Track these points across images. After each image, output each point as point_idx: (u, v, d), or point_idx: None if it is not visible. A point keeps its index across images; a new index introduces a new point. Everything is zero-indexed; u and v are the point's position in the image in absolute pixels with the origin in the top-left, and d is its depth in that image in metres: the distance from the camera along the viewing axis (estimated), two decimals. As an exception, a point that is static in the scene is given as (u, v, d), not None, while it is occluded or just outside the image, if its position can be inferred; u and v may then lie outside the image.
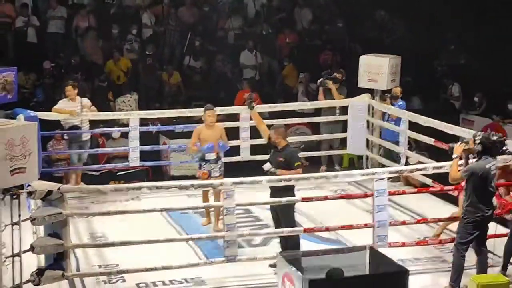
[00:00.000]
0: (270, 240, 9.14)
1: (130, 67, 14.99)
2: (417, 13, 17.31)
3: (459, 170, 7.60)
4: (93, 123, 12.17)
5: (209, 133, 9.66)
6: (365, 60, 12.26)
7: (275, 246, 8.87)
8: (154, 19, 15.99)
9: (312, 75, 14.70)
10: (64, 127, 11.39)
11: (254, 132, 11.58)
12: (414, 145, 12.32)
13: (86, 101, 11.49)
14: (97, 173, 12.12)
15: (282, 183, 8.06)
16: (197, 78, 15.61)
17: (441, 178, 9.35)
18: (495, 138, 7.52)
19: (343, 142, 12.59)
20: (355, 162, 13.21)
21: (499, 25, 16.85)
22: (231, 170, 11.00)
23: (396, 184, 11.39)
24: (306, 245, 8.89)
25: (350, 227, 8.56)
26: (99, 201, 10.60)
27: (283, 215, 8.38)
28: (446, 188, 8.92)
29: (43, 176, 9.91)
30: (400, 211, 10.14)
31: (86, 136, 11.53)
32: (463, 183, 7.76)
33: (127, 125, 11.62)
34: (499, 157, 7.65)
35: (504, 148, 7.55)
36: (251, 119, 11.90)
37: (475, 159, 7.60)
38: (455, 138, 10.64)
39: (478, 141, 7.51)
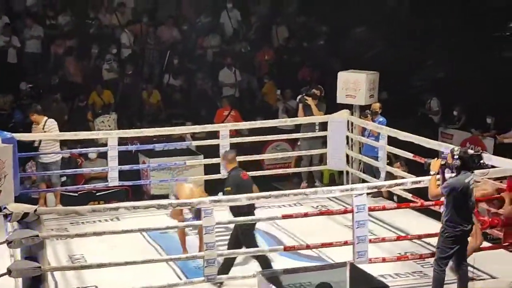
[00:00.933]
0: (250, 259, 9.07)
1: (112, 101, 14.90)
2: (395, 29, 17.44)
3: (438, 186, 7.60)
4: (72, 143, 12.11)
5: None
6: (343, 76, 12.29)
7: (255, 265, 8.81)
8: (133, 38, 15.97)
9: (292, 92, 14.73)
10: None
11: (238, 149, 11.54)
12: (394, 159, 12.34)
13: (49, 122, 11.35)
14: (76, 194, 12.02)
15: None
16: (177, 96, 15.60)
17: (422, 192, 9.40)
18: (472, 152, 7.54)
19: (323, 158, 12.59)
20: (336, 178, 13.22)
21: (477, 39, 17.01)
22: (212, 187, 10.97)
23: (377, 199, 11.38)
24: (287, 262, 8.86)
25: (330, 244, 8.52)
26: (78, 222, 10.50)
27: (244, 240, 8.41)
28: (426, 203, 8.91)
29: (22, 198, 9.91)
30: (381, 226, 10.12)
31: (51, 158, 11.31)
32: (442, 198, 7.76)
33: (106, 145, 11.54)
34: (476, 171, 7.65)
35: (481, 161, 7.55)
36: (231, 136, 11.92)
37: (452, 174, 7.60)
38: (434, 152, 10.72)
39: (456, 156, 7.52)
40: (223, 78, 15.77)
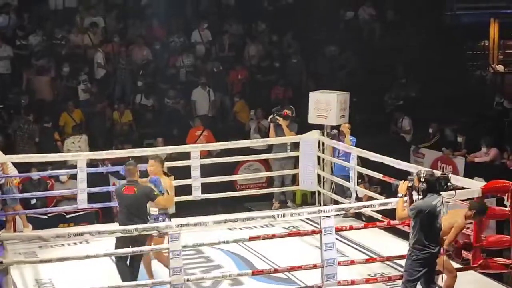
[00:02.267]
0: (220, 282, 9.00)
1: (83, 119, 14.81)
2: (367, 48, 17.55)
3: (405, 208, 7.60)
4: (42, 165, 11.99)
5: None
6: (314, 97, 12.30)
7: (225, 288, 8.79)
8: (104, 58, 15.91)
9: (264, 111, 14.73)
10: None
11: (205, 170, 11.53)
12: (366, 179, 12.36)
13: None
14: (46, 217, 11.88)
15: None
16: (149, 116, 15.53)
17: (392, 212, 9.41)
18: (439, 175, 7.55)
19: (295, 179, 12.56)
20: (308, 198, 13.19)
21: (449, 58, 17.17)
22: (183, 209, 10.90)
23: (348, 219, 11.36)
24: (256, 285, 8.81)
25: (299, 268, 8.48)
26: (47, 245, 10.36)
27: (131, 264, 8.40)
28: (393, 222, 8.90)
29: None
30: (350, 247, 10.10)
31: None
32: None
33: (74, 166, 11.42)
34: (444, 194, 7.65)
35: (448, 184, 7.56)
36: (203, 156, 11.86)
37: (420, 196, 7.60)
38: (404, 173, 10.73)
39: (423, 179, 7.52)
40: (196, 97, 15.74)
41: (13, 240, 8.45)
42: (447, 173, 7.70)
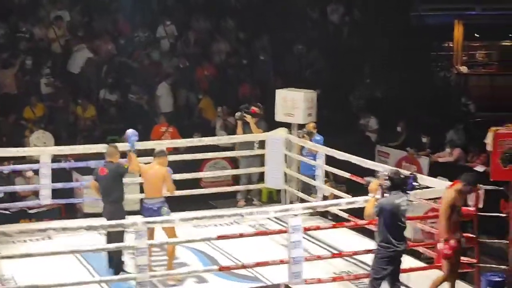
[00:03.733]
0: (185, 279, 8.94)
1: (46, 112, 14.60)
2: (335, 47, 17.60)
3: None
4: (3, 160, 11.76)
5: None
6: (281, 94, 12.29)
7: (191, 286, 8.70)
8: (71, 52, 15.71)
9: (231, 109, 14.66)
10: None
11: (170, 167, 11.42)
12: (332, 177, 12.37)
13: None
14: (9, 212, 11.67)
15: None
16: (113, 111, 15.34)
17: (358, 211, 9.43)
18: (405, 173, 7.59)
19: (262, 176, 12.53)
20: (274, 196, 13.17)
21: (414, 58, 17.31)
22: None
23: (314, 217, 11.36)
24: (222, 283, 8.77)
25: (266, 263, 8.45)
26: (8, 241, 10.17)
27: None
28: (360, 222, 8.93)
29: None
30: (316, 245, 10.10)
31: None
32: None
33: (38, 161, 11.26)
34: (411, 192, 7.69)
35: (415, 184, 7.60)
36: (168, 153, 11.70)
37: (387, 194, 7.64)
38: (370, 172, 10.77)
39: (386, 177, 7.57)
40: (161, 93, 15.61)
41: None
42: (414, 173, 7.74)
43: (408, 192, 7.57)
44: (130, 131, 9.21)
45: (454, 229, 7.95)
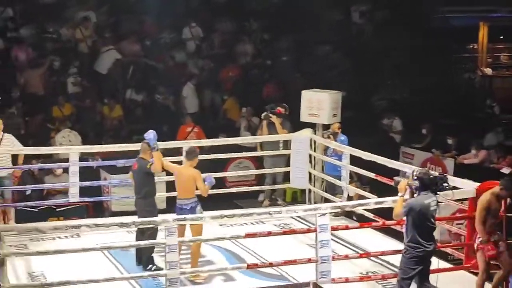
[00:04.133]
0: (213, 277, 9.02)
1: (73, 112, 14.76)
2: (358, 48, 17.62)
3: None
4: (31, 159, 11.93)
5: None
6: (306, 95, 12.33)
7: (218, 284, 8.77)
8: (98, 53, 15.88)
9: (255, 109, 14.74)
10: None
11: (200, 166, 11.50)
12: (356, 178, 12.40)
13: (7, 137, 11.17)
14: (36, 209, 11.82)
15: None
16: (139, 111, 15.49)
17: (384, 211, 9.46)
18: (434, 174, 7.60)
19: (286, 176, 12.59)
20: (298, 196, 13.22)
21: (439, 60, 17.29)
22: (173, 205, 10.85)
23: (339, 217, 11.41)
24: (249, 281, 8.84)
25: (293, 262, 8.51)
26: (38, 238, 10.33)
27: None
28: (388, 222, 8.97)
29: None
30: (342, 245, 10.14)
31: (5, 172, 11.00)
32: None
33: (66, 160, 11.39)
34: (441, 193, 7.70)
35: (445, 184, 7.62)
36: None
37: (416, 195, 7.66)
38: (393, 172, 10.79)
39: (415, 177, 7.59)
40: (186, 94, 15.73)
41: (9, 231, 8.41)
42: (444, 174, 7.76)
43: (438, 192, 7.58)
44: (147, 132, 9.35)
45: (490, 232, 7.98)
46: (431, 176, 7.58)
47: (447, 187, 7.64)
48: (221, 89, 16.43)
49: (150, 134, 9.34)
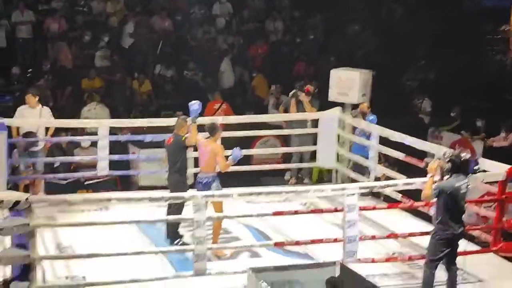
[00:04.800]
0: (239, 253, 9.07)
1: (103, 86, 14.83)
2: (389, 29, 17.47)
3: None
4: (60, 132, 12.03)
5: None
6: (336, 74, 12.26)
7: (244, 260, 8.82)
8: (128, 26, 15.90)
9: (284, 87, 14.71)
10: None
11: (227, 143, 11.52)
12: (383, 159, 12.36)
13: (46, 110, 11.28)
14: (64, 182, 11.93)
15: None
16: (168, 87, 15.52)
17: (410, 192, 9.43)
18: (466, 156, 7.55)
19: (313, 155, 12.57)
20: (324, 176, 13.19)
21: (470, 41, 17.08)
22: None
23: (366, 197, 11.37)
24: (275, 258, 8.86)
25: (320, 241, 8.53)
26: (66, 210, 10.40)
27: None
28: (416, 204, 8.94)
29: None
30: (369, 226, 10.13)
31: (39, 146, 11.19)
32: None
33: (94, 133, 11.47)
34: (472, 176, 7.66)
35: (476, 167, 7.57)
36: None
37: (447, 177, 7.62)
38: (425, 154, 10.74)
39: (447, 159, 7.55)
40: (224, 69, 15.72)
41: (40, 202, 8.49)
42: (476, 156, 7.70)
43: (469, 175, 7.54)
44: (192, 102, 9.30)
45: None
46: (463, 159, 7.53)
47: (478, 170, 7.59)
48: (250, 66, 16.39)
49: (195, 105, 9.27)
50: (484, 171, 8.07)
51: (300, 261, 8.80)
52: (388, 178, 10.78)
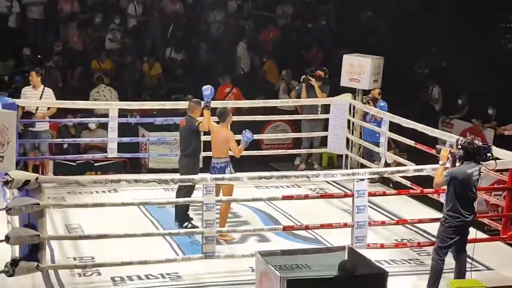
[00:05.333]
0: (248, 237, 9.07)
1: (113, 68, 14.81)
2: (400, 15, 17.35)
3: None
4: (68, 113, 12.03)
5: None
6: (347, 60, 12.21)
7: (253, 244, 8.81)
8: (139, 9, 15.84)
9: (294, 72, 14.65)
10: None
11: (232, 128, 11.50)
12: (394, 145, 12.32)
13: (48, 91, 11.26)
14: (74, 163, 11.94)
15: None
16: (178, 70, 15.49)
17: (420, 179, 9.38)
18: (479, 144, 7.50)
19: (323, 141, 12.54)
20: (334, 161, 13.18)
21: (482, 29, 16.95)
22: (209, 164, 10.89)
23: (375, 184, 11.36)
24: (283, 243, 8.86)
25: (329, 226, 8.51)
26: (75, 191, 10.45)
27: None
28: (426, 190, 8.91)
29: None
30: (378, 212, 10.11)
31: (42, 126, 11.17)
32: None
33: (103, 115, 11.46)
34: (484, 163, 7.60)
35: (489, 155, 7.51)
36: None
37: (458, 164, 7.57)
38: (436, 141, 10.69)
39: (460, 146, 7.50)
40: (240, 53, 15.67)
41: (50, 183, 8.51)
42: (489, 144, 7.65)
43: (481, 162, 7.49)
44: (204, 87, 9.25)
45: None
46: (476, 146, 7.47)
47: (490, 158, 7.54)
48: (260, 51, 16.33)
49: (208, 90, 9.19)
50: (497, 158, 7.99)
51: (309, 245, 8.80)
52: (399, 164, 10.75)
